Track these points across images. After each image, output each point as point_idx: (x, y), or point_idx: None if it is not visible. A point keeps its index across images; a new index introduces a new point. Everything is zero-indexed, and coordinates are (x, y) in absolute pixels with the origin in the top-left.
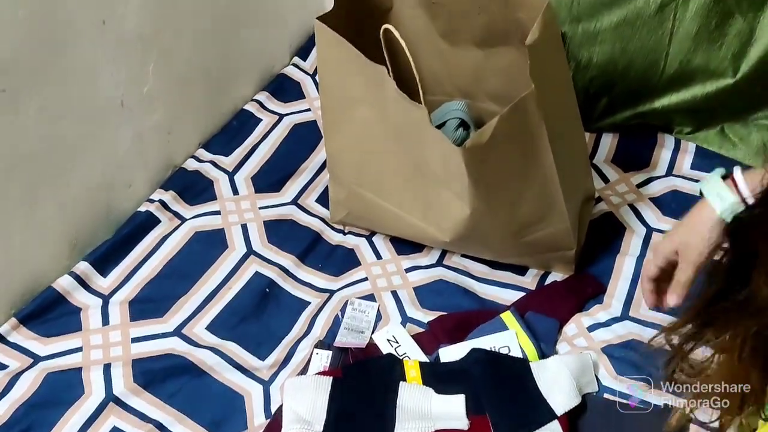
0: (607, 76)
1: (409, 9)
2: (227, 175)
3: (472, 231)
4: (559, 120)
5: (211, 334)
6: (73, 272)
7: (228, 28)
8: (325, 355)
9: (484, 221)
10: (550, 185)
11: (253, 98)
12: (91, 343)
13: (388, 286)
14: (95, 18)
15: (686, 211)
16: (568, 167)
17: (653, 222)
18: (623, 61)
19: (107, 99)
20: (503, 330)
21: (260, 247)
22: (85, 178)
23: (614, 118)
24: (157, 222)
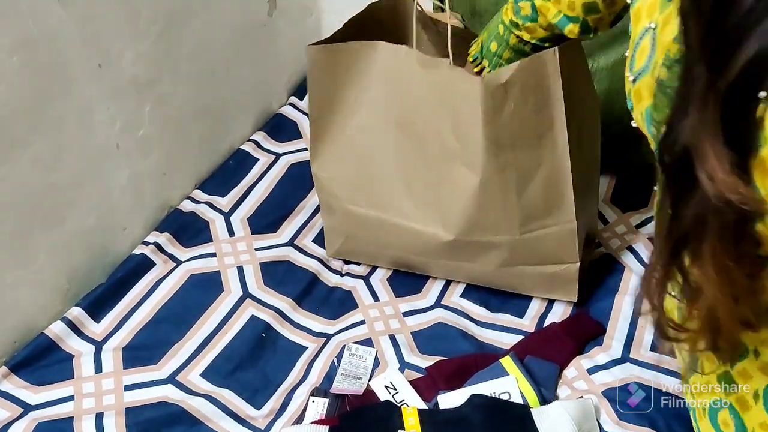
0: (604, 117)
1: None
2: (223, 216)
3: (479, 215)
4: (580, 130)
5: (206, 381)
6: (65, 318)
7: (224, 68)
8: (321, 402)
9: (493, 197)
10: (560, 173)
11: (250, 138)
12: (84, 391)
13: (385, 330)
14: (91, 62)
15: None
16: (580, 175)
17: None
18: (619, 100)
19: (102, 143)
20: (503, 375)
21: (256, 290)
22: (79, 222)
23: (612, 159)
24: (152, 265)
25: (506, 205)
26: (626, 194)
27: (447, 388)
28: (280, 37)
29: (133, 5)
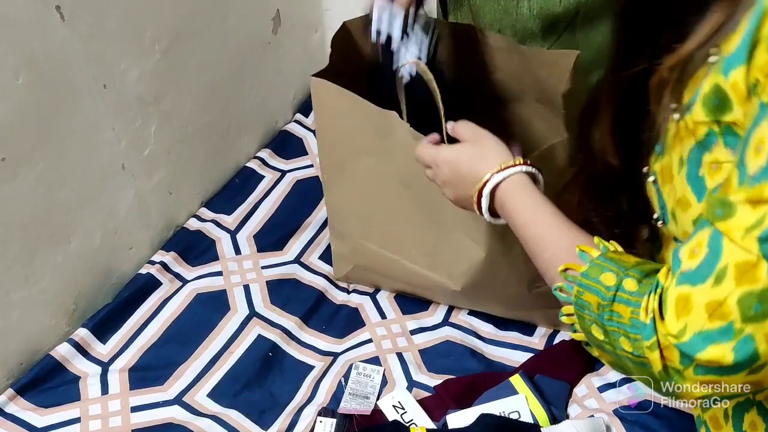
0: None
1: None
2: (229, 234)
3: (486, 278)
4: None
5: (213, 401)
6: (72, 339)
7: (229, 86)
8: (329, 423)
9: (499, 266)
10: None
11: (255, 155)
12: (90, 413)
13: (393, 348)
14: (96, 81)
15: None
16: None
17: None
18: None
19: (108, 163)
20: (513, 394)
21: (263, 309)
22: (86, 242)
23: None
24: (158, 285)
25: (514, 271)
26: None
27: (456, 407)
28: (285, 54)
29: (137, 24)
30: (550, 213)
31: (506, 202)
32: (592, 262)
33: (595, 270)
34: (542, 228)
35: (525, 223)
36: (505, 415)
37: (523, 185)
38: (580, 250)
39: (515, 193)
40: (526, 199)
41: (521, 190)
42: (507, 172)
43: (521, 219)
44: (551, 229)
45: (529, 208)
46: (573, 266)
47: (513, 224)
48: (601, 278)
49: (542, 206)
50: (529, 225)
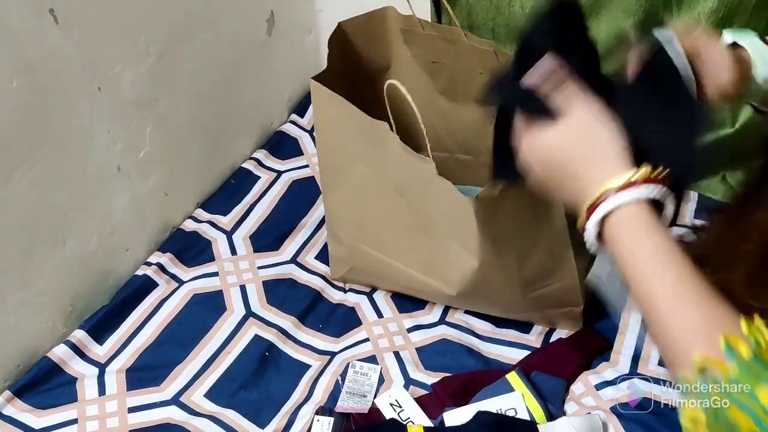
0: None
1: (408, 67)
2: (225, 235)
3: (480, 284)
4: None
5: (210, 401)
6: (68, 341)
7: (225, 87)
8: (326, 421)
9: (492, 275)
10: (560, 240)
11: (251, 156)
12: (87, 414)
13: (390, 347)
14: (91, 84)
15: None
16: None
17: None
18: None
19: (103, 165)
20: (509, 391)
21: (259, 309)
22: (82, 244)
23: None
24: (155, 286)
25: (507, 278)
26: None
27: (453, 405)
28: (279, 55)
29: (131, 27)
30: (680, 270)
31: (620, 240)
32: (744, 365)
33: (749, 377)
34: (669, 291)
35: (644, 277)
36: (501, 412)
37: (647, 220)
38: (726, 342)
39: (634, 232)
40: (649, 242)
41: (642, 227)
42: (626, 196)
43: (639, 270)
44: (682, 297)
45: (653, 257)
46: (714, 362)
47: (626, 272)
48: (758, 393)
49: (670, 258)
50: (651, 282)
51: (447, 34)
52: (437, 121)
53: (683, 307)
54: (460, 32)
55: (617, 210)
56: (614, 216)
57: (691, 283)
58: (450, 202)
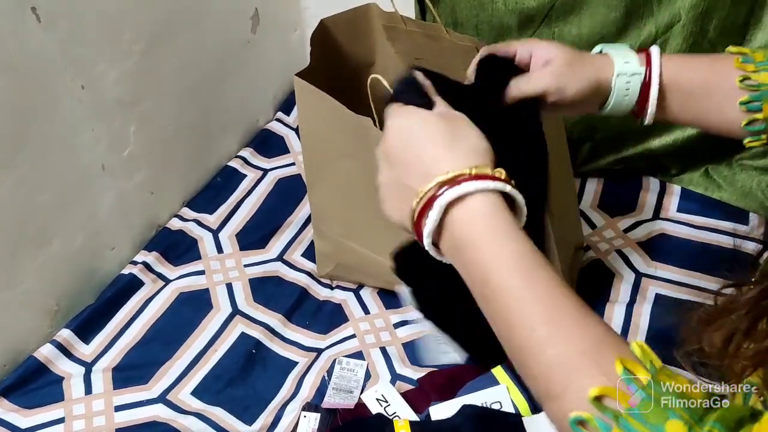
0: (589, 121)
1: (391, 63)
2: (211, 234)
3: None
4: (552, 171)
5: (197, 399)
6: (54, 340)
7: (209, 85)
8: (313, 417)
9: None
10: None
11: (237, 154)
12: (74, 413)
13: (376, 343)
14: (74, 83)
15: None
16: (560, 218)
17: (642, 267)
18: None
19: (87, 164)
20: (494, 385)
21: (246, 307)
22: (67, 243)
23: (598, 164)
24: (141, 285)
25: None
26: (613, 199)
27: (439, 399)
28: (264, 53)
29: (114, 26)
30: (547, 278)
31: (467, 236)
32: (645, 395)
33: (654, 411)
34: (542, 304)
35: (500, 286)
36: (487, 405)
37: (501, 216)
38: (624, 368)
39: (485, 225)
40: (504, 241)
41: (494, 222)
42: (477, 185)
43: (495, 276)
44: (559, 312)
45: (510, 260)
46: (610, 392)
47: (475, 278)
48: (666, 428)
49: (534, 263)
50: (512, 293)
51: (429, 30)
52: None
53: (563, 326)
54: (442, 29)
55: (469, 197)
56: (466, 205)
57: (566, 296)
58: None
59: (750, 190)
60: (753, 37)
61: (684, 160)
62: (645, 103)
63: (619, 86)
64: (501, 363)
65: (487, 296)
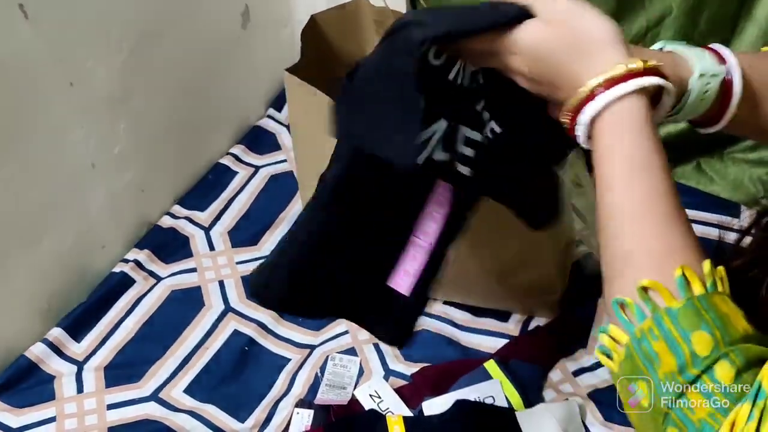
0: None
1: None
2: (203, 231)
3: (456, 274)
4: None
5: (189, 397)
6: (46, 339)
7: (200, 82)
8: (306, 414)
9: (468, 263)
10: (536, 236)
11: (229, 151)
12: (66, 412)
13: (369, 339)
14: (62, 81)
15: None
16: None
17: None
18: None
19: (77, 162)
20: (487, 380)
21: (238, 304)
22: (57, 242)
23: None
24: (132, 282)
25: (483, 267)
26: None
27: (432, 395)
28: (255, 49)
29: (103, 22)
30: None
31: (600, 140)
32: (690, 302)
33: (690, 318)
34: (635, 202)
35: (612, 183)
36: (480, 400)
37: (633, 118)
38: (681, 274)
39: (615, 132)
40: (627, 145)
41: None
42: (619, 89)
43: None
44: (647, 212)
45: (627, 162)
46: (659, 288)
47: (597, 175)
48: (692, 336)
49: (647, 166)
50: (617, 189)
51: None
52: None
53: (645, 224)
54: None
55: (613, 105)
56: (602, 114)
57: (662, 201)
58: None
59: (742, 182)
60: (743, 30)
61: (676, 153)
62: (723, 108)
63: (699, 88)
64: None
65: (604, 182)
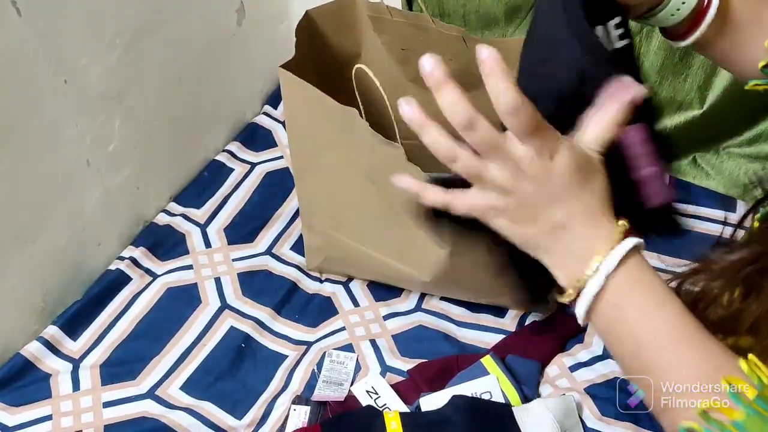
0: None
1: (378, 55)
2: (199, 228)
3: (452, 270)
4: None
5: (186, 394)
6: (41, 337)
7: (195, 79)
8: (303, 410)
9: (464, 260)
10: None
11: (224, 148)
12: (62, 410)
13: (366, 335)
14: (57, 78)
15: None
16: None
17: None
18: None
19: (72, 160)
20: (484, 375)
21: (235, 301)
22: (52, 239)
23: None
24: (128, 280)
25: (479, 263)
26: None
27: (429, 390)
28: (251, 46)
29: (97, 19)
30: (676, 309)
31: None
32: (751, 409)
33: (756, 423)
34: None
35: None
36: (477, 395)
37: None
38: (729, 385)
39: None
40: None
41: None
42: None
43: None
44: (679, 339)
45: (649, 301)
46: (718, 407)
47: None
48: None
49: (665, 296)
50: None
51: (415, 20)
52: None
53: (684, 351)
54: (428, 19)
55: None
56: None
57: (689, 318)
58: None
59: (737, 177)
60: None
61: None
62: (696, 22)
63: (673, 3)
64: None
65: (619, 317)
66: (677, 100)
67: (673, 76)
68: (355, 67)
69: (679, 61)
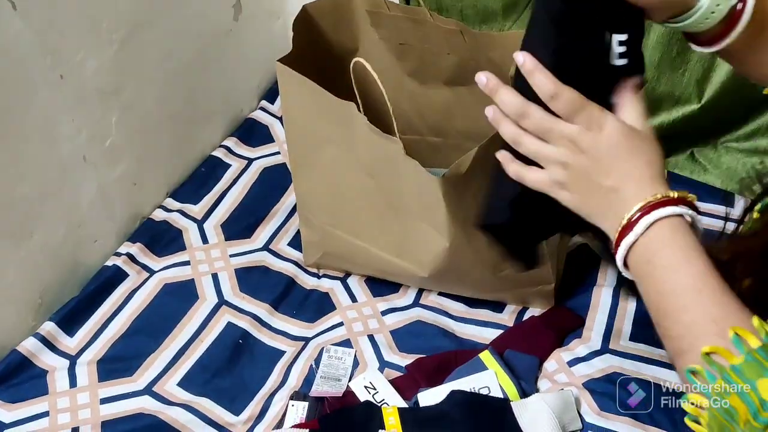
0: None
1: (375, 49)
2: (196, 224)
3: (451, 264)
4: None
5: (183, 390)
6: (38, 333)
7: (192, 74)
8: (301, 406)
9: (463, 254)
10: None
11: (221, 144)
12: (58, 406)
13: (364, 331)
14: (53, 73)
15: None
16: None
17: None
18: None
19: (68, 155)
20: (482, 370)
21: (232, 297)
22: (49, 235)
23: None
24: (125, 276)
25: (478, 257)
26: None
27: (427, 386)
28: (247, 41)
29: (93, 14)
30: (701, 268)
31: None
32: (750, 355)
33: (753, 369)
34: (686, 285)
35: (665, 277)
36: (475, 390)
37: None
38: (735, 334)
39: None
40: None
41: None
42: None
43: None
44: (698, 290)
45: (677, 258)
46: (721, 351)
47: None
48: (758, 384)
49: (694, 256)
50: (671, 278)
51: (413, 14)
52: (407, 104)
53: (704, 301)
54: (426, 13)
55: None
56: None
57: (713, 277)
58: (418, 182)
59: (735, 172)
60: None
61: (669, 143)
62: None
63: (708, 6)
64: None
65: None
66: (675, 95)
67: (671, 70)
68: (353, 61)
69: (676, 55)
